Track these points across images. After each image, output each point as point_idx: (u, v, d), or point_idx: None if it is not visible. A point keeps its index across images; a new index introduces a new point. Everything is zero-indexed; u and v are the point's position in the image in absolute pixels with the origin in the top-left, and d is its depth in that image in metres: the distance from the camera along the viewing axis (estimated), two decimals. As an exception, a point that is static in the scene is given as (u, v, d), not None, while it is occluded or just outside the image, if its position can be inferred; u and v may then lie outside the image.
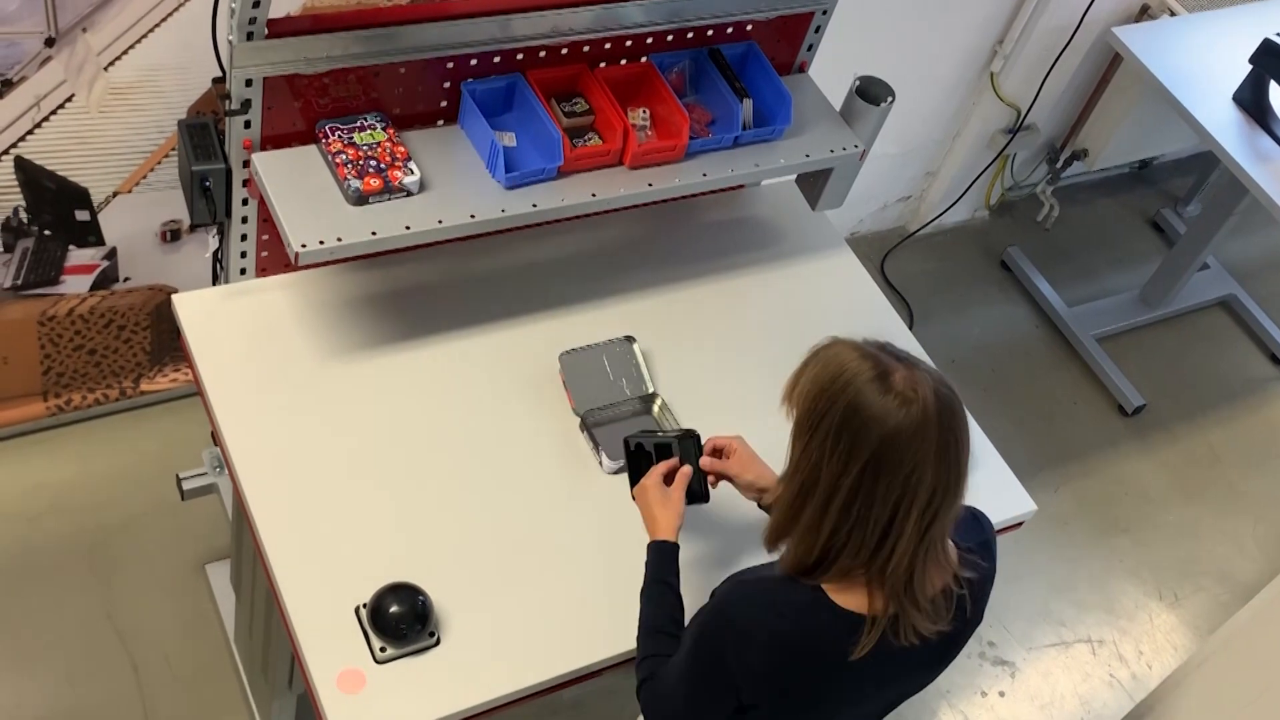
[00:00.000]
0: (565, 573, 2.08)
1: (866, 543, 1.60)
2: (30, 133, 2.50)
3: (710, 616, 1.72)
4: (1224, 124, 3.51)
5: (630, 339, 2.35)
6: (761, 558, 1.79)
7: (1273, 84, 3.53)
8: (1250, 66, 3.54)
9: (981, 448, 2.43)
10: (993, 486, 2.40)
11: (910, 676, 1.84)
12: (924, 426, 1.55)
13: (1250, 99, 3.56)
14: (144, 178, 2.69)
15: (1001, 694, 3.27)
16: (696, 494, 2.00)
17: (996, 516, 2.35)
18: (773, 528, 1.70)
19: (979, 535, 1.80)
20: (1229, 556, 3.71)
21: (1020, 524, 2.43)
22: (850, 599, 1.66)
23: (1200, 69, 3.60)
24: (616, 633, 2.02)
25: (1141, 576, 3.60)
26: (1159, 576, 3.62)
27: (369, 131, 2.18)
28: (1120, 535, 3.68)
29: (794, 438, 1.64)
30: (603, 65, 2.36)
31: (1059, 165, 4.23)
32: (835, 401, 1.57)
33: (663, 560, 1.90)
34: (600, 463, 2.21)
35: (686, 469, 1.98)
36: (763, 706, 1.71)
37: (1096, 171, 4.42)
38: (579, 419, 2.25)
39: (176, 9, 2.44)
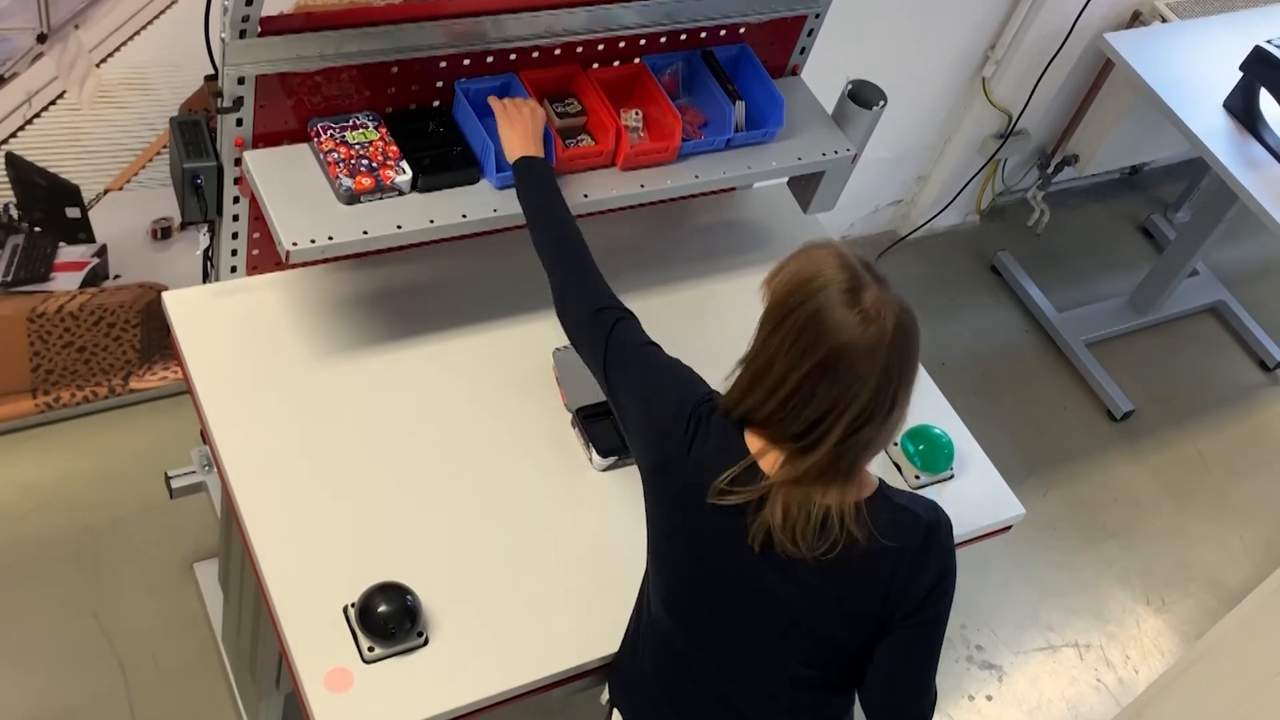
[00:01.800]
0: (555, 572, 2.08)
1: (796, 424, 1.67)
2: (21, 129, 2.50)
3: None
4: (1214, 131, 3.52)
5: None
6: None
7: (1263, 91, 3.54)
8: (1241, 73, 3.55)
9: (970, 451, 2.44)
10: (981, 490, 2.40)
11: (759, 600, 1.79)
12: (876, 348, 1.62)
13: (1241, 106, 3.57)
14: (135, 175, 2.68)
15: (989, 698, 3.28)
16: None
17: (985, 520, 2.36)
18: (728, 399, 1.76)
19: (906, 514, 1.76)
20: (1217, 562, 3.72)
21: (1008, 528, 2.43)
22: (756, 446, 1.73)
23: (1191, 76, 3.61)
24: (607, 633, 2.02)
25: (1129, 582, 3.61)
26: (1146, 582, 3.63)
27: (361, 130, 2.17)
28: (1108, 540, 3.69)
29: (760, 323, 1.71)
30: (596, 66, 2.36)
31: (1050, 170, 4.24)
32: (804, 302, 1.64)
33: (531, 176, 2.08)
34: (590, 459, 2.21)
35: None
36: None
37: (1087, 177, 4.43)
38: (570, 415, 2.25)
39: (169, 6, 2.44)
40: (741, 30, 2.45)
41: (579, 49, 2.32)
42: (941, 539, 1.78)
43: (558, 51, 2.30)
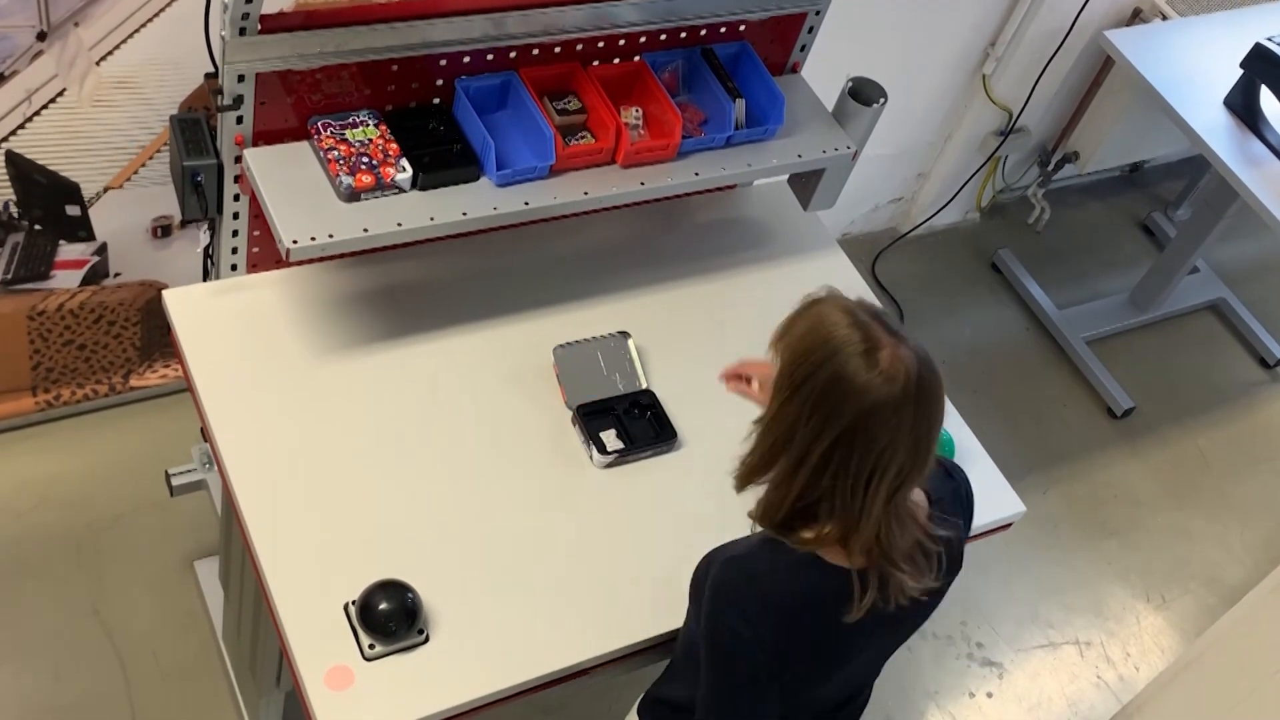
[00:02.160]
0: (555, 570, 2.08)
1: (835, 508, 1.63)
2: (21, 127, 2.50)
3: (709, 610, 1.71)
4: (1215, 128, 3.52)
5: (625, 334, 2.35)
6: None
7: (1264, 88, 3.54)
8: (1241, 71, 3.55)
9: (971, 449, 2.44)
10: (982, 488, 2.38)
11: (895, 633, 1.86)
12: (903, 406, 1.57)
13: (1241, 103, 3.57)
14: (135, 173, 2.68)
15: (989, 695, 3.28)
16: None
17: (985, 518, 2.36)
18: (744, 471, 1.71)
19: (948, 485, 1.84)
20: (1217, 560, 3.72)
21: (1009, 525, 2.43)
22: (833, 556, 1.68)
23: (1192, 73, 3.61)
24: (605, 631, 2.02)
25: (1129, 579, 3.61)
26: (1147, 579, 3.63)
27: (361, 128, 2.17)
28: (1109, 538, 3.69)
29: (775, 387, 1.65)
30: (596, 64, 2.36)
31: (1050, 168, 4.24)
32: (820, 367, 1.58)
33: None
34: (591, 457, 2.21)
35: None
36: (781, 676, 1.71)
37: (1088, 174, 4.43)
38: (571, 413, 2.25)
39: (169, 4, 2.44)
40: (742, 28, 2.45)
41: (579, 46, 2.32)
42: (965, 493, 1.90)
43: (558, 49, 2.30)
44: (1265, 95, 3.55)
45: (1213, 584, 3.66)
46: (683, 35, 2.41)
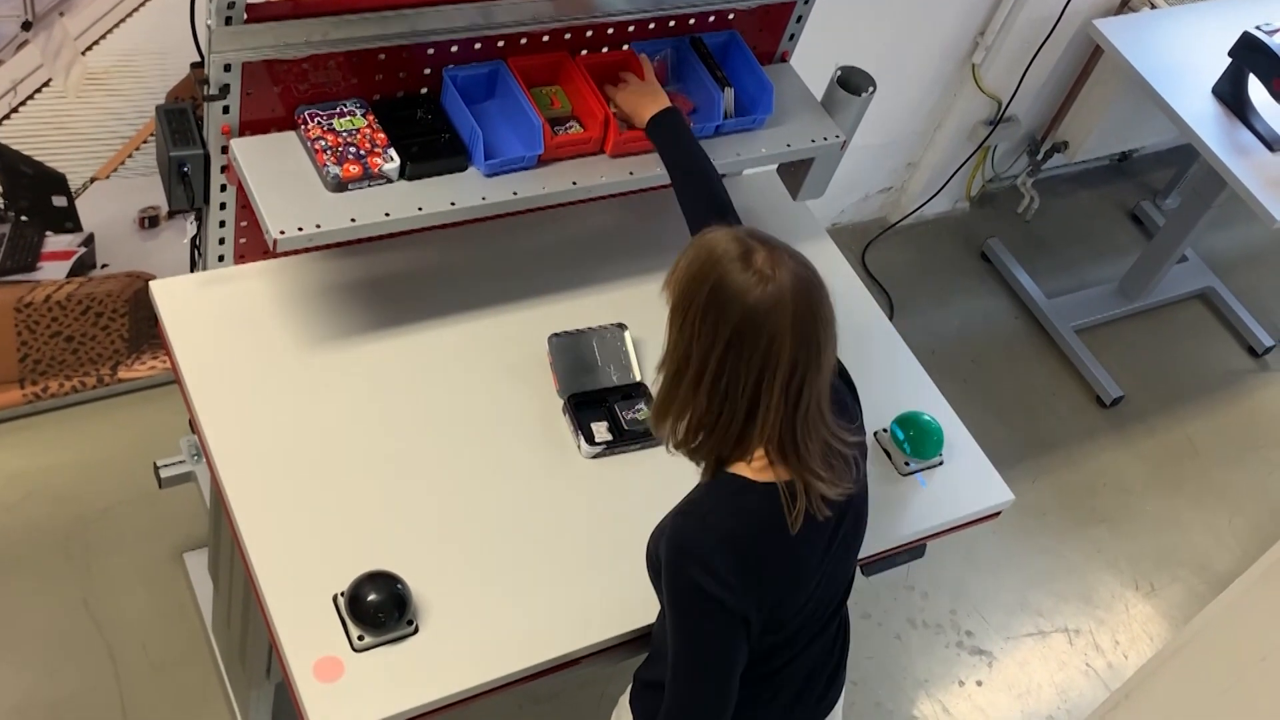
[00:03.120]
0: (545, 560, 2.08)
1: (738, 414, 1.70)
2: (6, 117, 2.49)
3: (670, 573, 1.75)
4: (1203, 117, 3.52)
5: (622, 326, 2.34)
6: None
7: (1252, 77, 3.55)
8: (1230, 60, 3.55)
9: (960, 438, 2.44)
10: (971, 476, 2.40)
11: (837, 545, 1.87)
12: (780, 301, 1.65)
13: (1229, 92, 3.57)
14: (122, 163, 2.67)
15: (979, 683, 3.28)
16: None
17: (975, 506, 2.37)
18: (655, 409, 1.79)
19: (841, 389, 1.90)
20: (1206, 547, 3.73)
21: (998, 514, 2.43)
22: (757, 474, 1.74)
23: (1180, 62, 3.61)
24: (595, 621, 2.03)
25: (1119, 567, 3.62)
26: (1136, 567, 3.64)
27: (348, 118, 2.17)
28: (1098, 526, 3.70)
29: (669, 322, 1.74)
30: (584, 53, 2.35)
31: (1039, 157, 4.25)
32: (704, 281, 1.68)
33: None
34: (579, 447, 2.21)
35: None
36: (752, 612, 1.75)
37: (1077, 164, 4.44)
38: (562, 402, 2.25)
39: (155, -7, 2.43)
40: (730, 16, 2.45)
41: (567, 35, 2.31)
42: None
43: (546, 38, 2.29)
44: (1253, 84, 3.55)
45: (1202, 571, 3.67)
46: (671, 24, 2.40)
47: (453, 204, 2.17)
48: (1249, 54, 3.51)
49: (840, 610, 2.04)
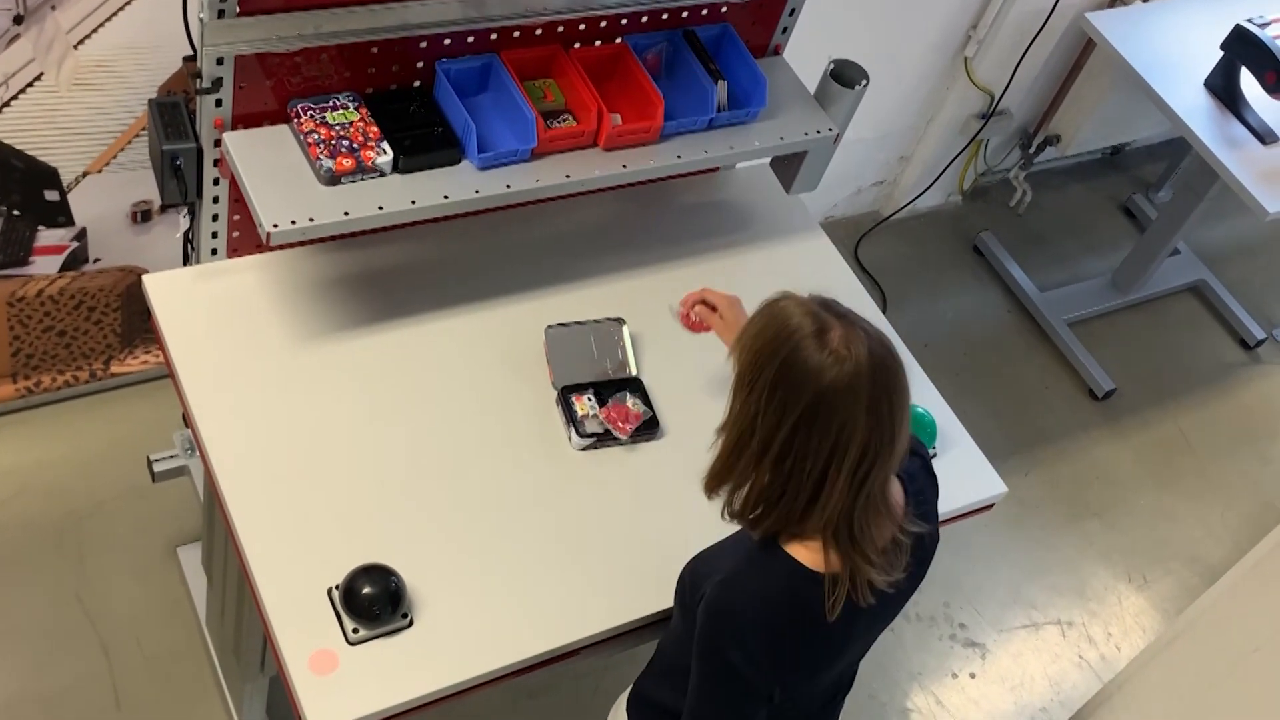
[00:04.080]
0: (539, 553, 2.08)
1: (800, 495, 1.65)
2: (-2, 111, 2.49)
3: (705, 634, 1.73)
4: (1195, 110, 3.53)
5: (620, 320, 2.34)
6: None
7: (1244, 70, 3.55)
8: (1222, 53, 3.56)
9: (953, 431, 2.45)
10: (964, 469, 2.41)
11: (872, 628, 1.89)
12: (856, 383, 1.60)
13: (1222, 85, 3.58)
14: (114, 157, 2.67)
15: (972, 675, 3.29)
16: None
17: (968, 499, 2.38)
18: (711, 474, 1.74)
19: (918, 467, 1.87)
20: (1198, 540, 3.74)
21: (991, 506, 2.44)
22: (809, 557, 1.70)
23: (1173, 55, 3.62)
24: (590, 613, 2.03)
25: (1111, 560, 3.63)
26: (1129, 560, 3.65)
27: (341, 111, 2.16)
28: (1091, 519, 3.70)
29: (734, 389, 1.69)
30: (577, 46, 2.35)
31: (1032, 151, 4.25)
32: (775, 356, 1.62)
33: None
34: (569, 438, 2.21)
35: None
36: (775, 689, 1.75)
37: (1069, 157, 4.44)
38: (556, 393, 2.25)
39: (147, -13, 2.42)
40: (724, 9, 2.45)
41: (560, 29, 2.31)
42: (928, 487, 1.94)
43: (539, 31, 2.29)
44: (1245, 77, 3.56)
45: (1194, 564, 3.68)
46: (664, 17, 2.40)
47: (446, 197, 2.16)
48: (1241, 47, 3.52)
49: (843, 677, 2.03)
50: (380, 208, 2.12)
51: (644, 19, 2.38)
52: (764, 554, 1.73)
